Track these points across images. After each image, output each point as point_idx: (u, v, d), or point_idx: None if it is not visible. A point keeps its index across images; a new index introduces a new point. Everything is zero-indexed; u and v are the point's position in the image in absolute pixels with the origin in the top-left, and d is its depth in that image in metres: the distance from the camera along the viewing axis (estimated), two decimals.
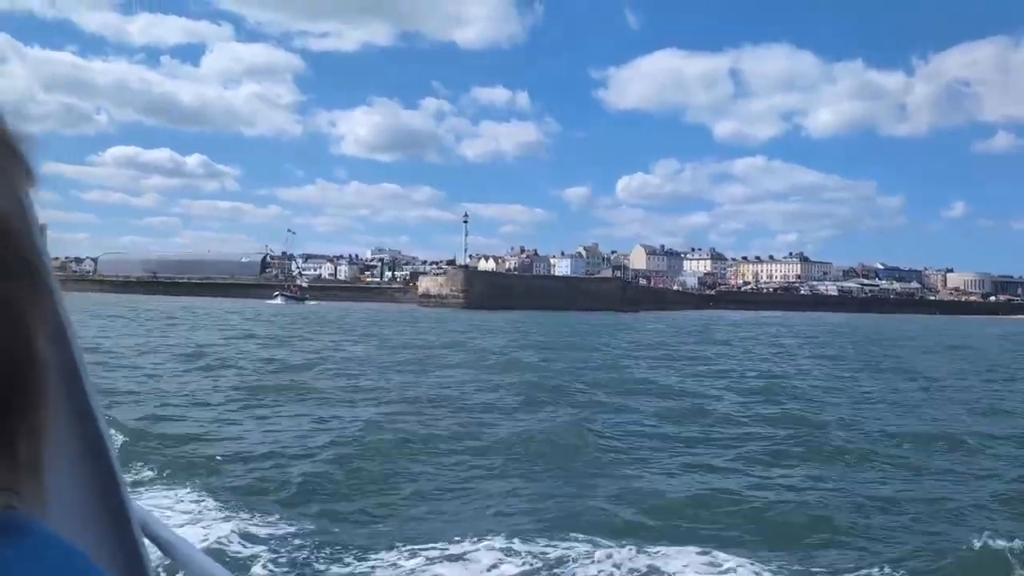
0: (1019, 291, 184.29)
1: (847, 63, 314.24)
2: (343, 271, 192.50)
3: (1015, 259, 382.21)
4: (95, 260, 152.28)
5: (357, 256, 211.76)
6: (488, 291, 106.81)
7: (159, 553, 1.34)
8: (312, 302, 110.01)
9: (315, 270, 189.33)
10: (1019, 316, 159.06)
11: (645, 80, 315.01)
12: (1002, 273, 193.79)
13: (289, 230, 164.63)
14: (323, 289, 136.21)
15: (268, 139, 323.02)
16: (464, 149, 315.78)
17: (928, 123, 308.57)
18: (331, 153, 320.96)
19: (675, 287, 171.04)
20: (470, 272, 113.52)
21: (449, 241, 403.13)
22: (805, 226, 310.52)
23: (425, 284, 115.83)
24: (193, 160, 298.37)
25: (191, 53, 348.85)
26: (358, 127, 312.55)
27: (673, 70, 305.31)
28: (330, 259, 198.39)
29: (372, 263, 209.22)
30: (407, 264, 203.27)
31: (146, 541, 1.21)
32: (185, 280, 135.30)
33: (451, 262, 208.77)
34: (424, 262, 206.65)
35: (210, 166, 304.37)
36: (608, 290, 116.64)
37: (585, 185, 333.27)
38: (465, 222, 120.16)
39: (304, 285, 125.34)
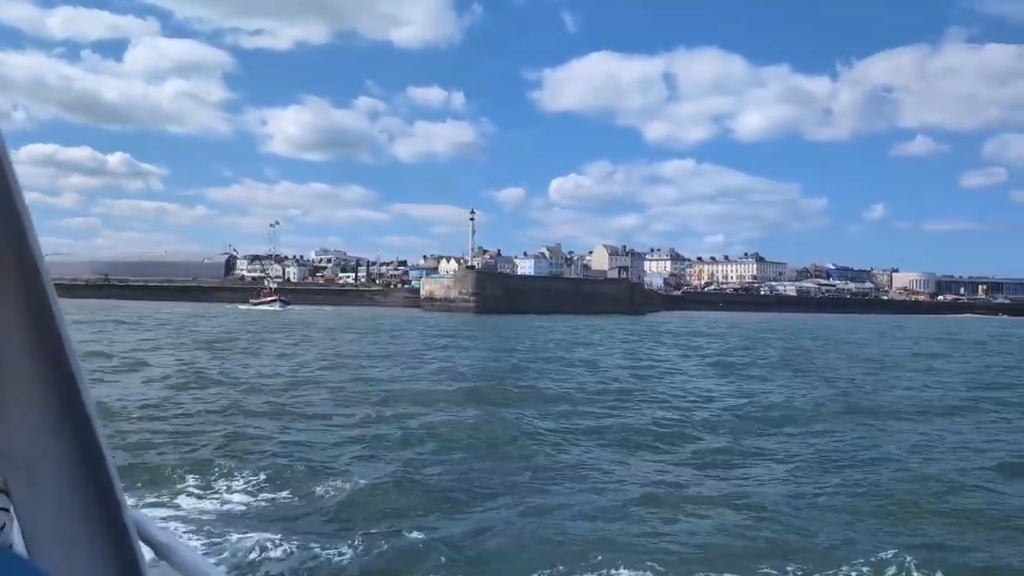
0: (961, 290, 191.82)
1: (775, 67, 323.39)
2: (292, 272, 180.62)
3: (938, 259, 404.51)
4: None
5: (303, 257, 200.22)
6: (501, 294, 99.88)
7: (154, 555, 1.32)
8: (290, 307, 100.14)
9: (262, 271, 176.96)
10: (968, 315, 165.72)
11: (579, 82, 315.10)
12: (944, 273, 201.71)
13: (275, 221, 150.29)
14: (293, 292, 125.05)
15: (195, 137, 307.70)
16: (397, 149, 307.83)
17: (851, 128, 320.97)
18: (260, 152, 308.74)
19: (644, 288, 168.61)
20: (483, 274, 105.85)
21: (381, 242, 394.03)
22: (731, 227, 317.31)
23: (429, 286, 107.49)
24: (115, 159, 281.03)
25: (114, 48, 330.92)
26: (288, 126, 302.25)
27: (607, 73, 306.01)
28: (278, 260, 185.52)
29: (320, 264, 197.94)
30: (359, 265, 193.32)
31: (141, 543, 1.21)
32: (141, 283, 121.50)
33: (403, 263, 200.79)
34: (373, 263, 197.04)
35: (134, 165, 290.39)
36: (616, 292, 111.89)
37: (519, 186, 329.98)
38: (472, 219, 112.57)
39: (274, 287, 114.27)
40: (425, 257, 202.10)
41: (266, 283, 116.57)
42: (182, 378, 23.92)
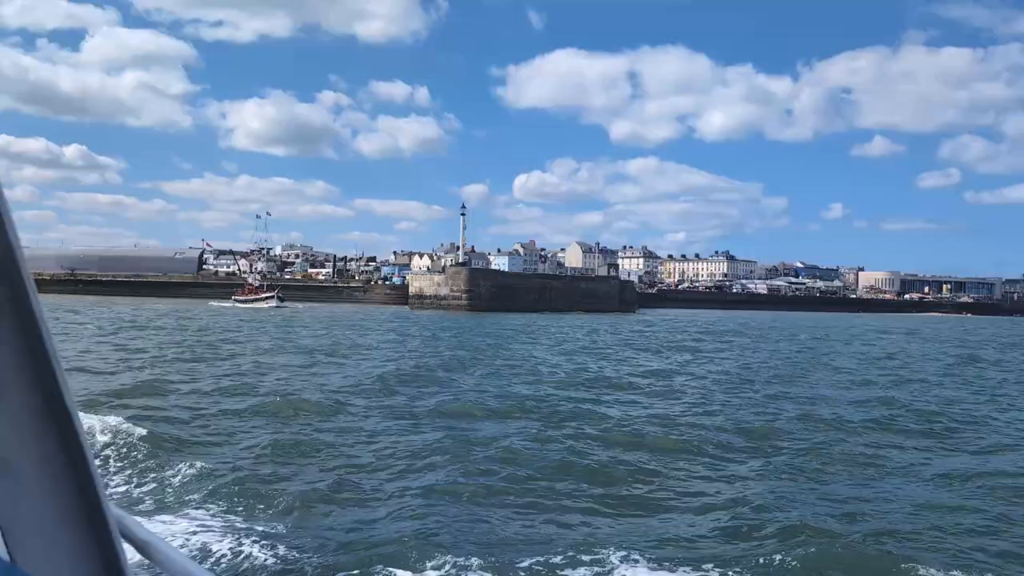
0: (925, 288, 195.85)
1: (738, 67, 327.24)
2: (259, 267, 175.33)
3: (894, 257, 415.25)
4: None
5: (269, 251, 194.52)
6: (495, 292, 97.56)
7: (136, 553, 1.32)
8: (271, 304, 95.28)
9: (228, 267, 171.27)
10: (934, 313, 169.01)
11: (545, 79, 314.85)
12: (906, 271, 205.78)
13: (267, 212, 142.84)
14: (270, 288, 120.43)
15: (155, 130, 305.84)
16: (361, 144, 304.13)
17: (812, 128, 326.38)
18: (221, 146, 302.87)
19: None
20: (476, 271, 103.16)
21: (343, 238, 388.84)
22: (693, 225, 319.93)
23: (418, 283, 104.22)
24: (71, 151, 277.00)
25: (71, 38, 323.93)
26: (250, 119, 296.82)
27: (572, 70, 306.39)
28: (243, 255, 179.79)
29: (289, 259, 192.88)
30: (327, 261, 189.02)
31: (123, 541, 1.21)
32: (109, 278, 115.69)
33: (372, 259, 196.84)
34: (342, 259, 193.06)
35: (90, 157, 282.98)
36: (607, 289, 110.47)
37: (483, 183, 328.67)
38: (463, 214, 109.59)
39: (256, 284, 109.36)
40: (395, 253, 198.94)
41: (249, 279, 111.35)
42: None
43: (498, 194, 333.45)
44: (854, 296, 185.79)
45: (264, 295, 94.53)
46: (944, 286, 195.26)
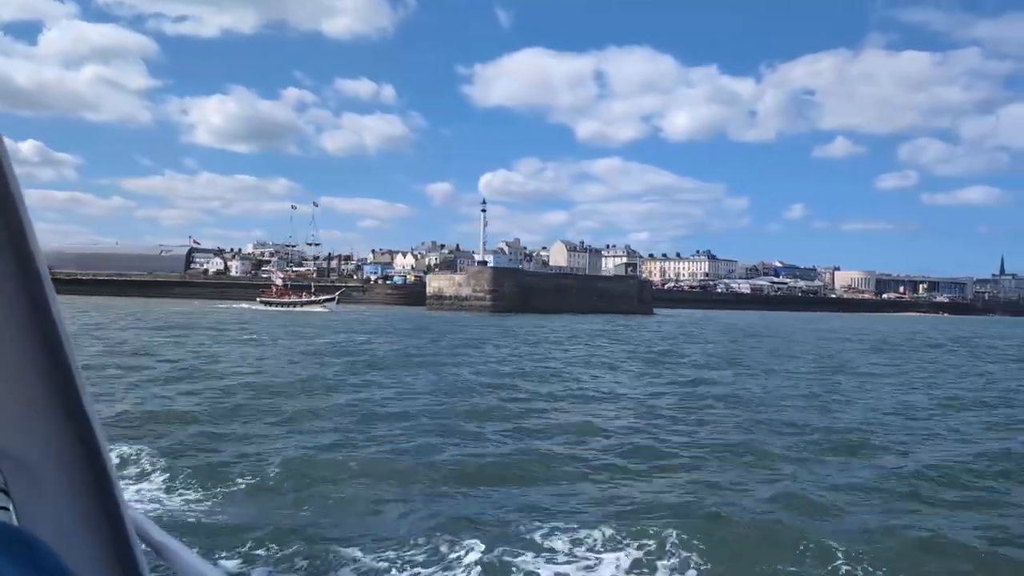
0: (900, 288, 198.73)
1: (703, 68, 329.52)
2: (235, 266, 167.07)
3: (858, 257, 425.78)
4: None
5: (241, 250, 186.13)
6: (518, 292, 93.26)
7: (154, 555, 1.32)
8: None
9: (203, 264, 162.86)
10: (912, 312, 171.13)
11: (511, 78, 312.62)
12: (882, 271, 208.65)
13: (314, 203, 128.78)
14: (260, 288, 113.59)
15: (114, 126, 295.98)
16: (325, 141, 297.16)
17: (775, 129, 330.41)
18: (182, 142, 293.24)
19: None
20: (499, 271, 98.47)
21: (307, 235, 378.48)
22: (657, 225, 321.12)
23: (437, 283, 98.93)
24: (27, 147, 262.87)
25: (27, 30, 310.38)
26: (213, 116, 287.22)
27: (539, 69, 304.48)
28: (217, 252, 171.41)
29: (265, 258, 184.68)
30: (304, 260, 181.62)
31: (142, 545, 1.20)
32: (90, 278, 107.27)
33: (347, 257, 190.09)
34: (316, 258, 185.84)
35: (46, 153, 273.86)
36: (626, 289, 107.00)
37: (448, 181, 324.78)
38: (483, 211, 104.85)
39: (280, 283, 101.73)
40: (374, 251, 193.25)
41: (275, 279, 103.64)
42: None
43: (463, 192, 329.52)
44: (834, 296, 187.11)
45: (322, 297, 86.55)
46: (920, 286, 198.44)
